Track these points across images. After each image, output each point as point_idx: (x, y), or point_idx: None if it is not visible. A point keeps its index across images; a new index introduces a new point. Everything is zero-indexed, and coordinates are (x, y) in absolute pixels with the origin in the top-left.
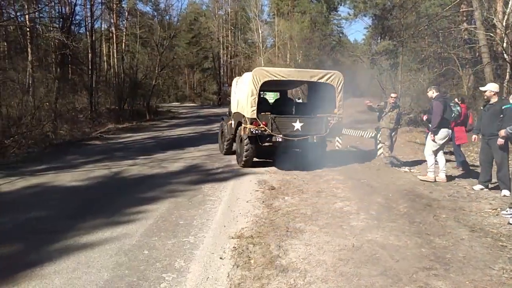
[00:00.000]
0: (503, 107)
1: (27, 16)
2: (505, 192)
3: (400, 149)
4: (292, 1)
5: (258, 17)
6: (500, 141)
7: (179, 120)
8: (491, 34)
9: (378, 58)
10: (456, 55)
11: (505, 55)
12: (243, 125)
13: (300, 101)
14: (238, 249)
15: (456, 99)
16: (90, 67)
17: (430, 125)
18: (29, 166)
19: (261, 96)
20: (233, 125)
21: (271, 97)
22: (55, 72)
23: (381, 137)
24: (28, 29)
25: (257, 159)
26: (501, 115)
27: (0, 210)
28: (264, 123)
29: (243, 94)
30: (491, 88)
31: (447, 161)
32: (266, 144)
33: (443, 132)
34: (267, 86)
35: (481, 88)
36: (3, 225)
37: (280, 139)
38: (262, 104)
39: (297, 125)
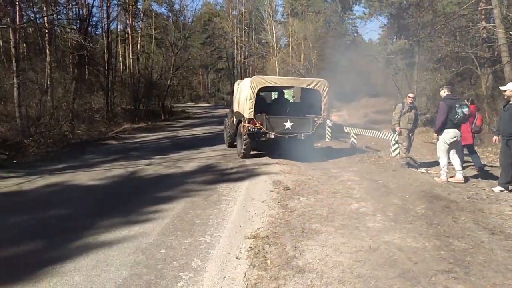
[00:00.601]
0: None
1: (45, 18)
2: None
3: (416, 150)
4: (306, 1)
5: (272, 17)
6: None
7: (193, 120)
8: (511, 32)
9: (394, 57)
10: (474, 54)
11: None
12: (242, 123)
13: (298, 100)
14: (254, 249)
15: (466, 100)
16: (106, 68)
17: None
18: (48, 165)
19: (260, 96)
20: (234, 122)
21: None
22: (73, 72)
23: (399, 138)
24: (46, 31)
25: (254, 152)
26: None
27: (22, 208)
28: (259, 122)
29: (243, 97)
30: (511, 87)
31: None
32: (262, 139)
33: (449, 133)
34: (265, 88)
35: (501, 88)
36: (25, 223)
37: (273, 136)
38: (260, 104)
39: (288, 124)
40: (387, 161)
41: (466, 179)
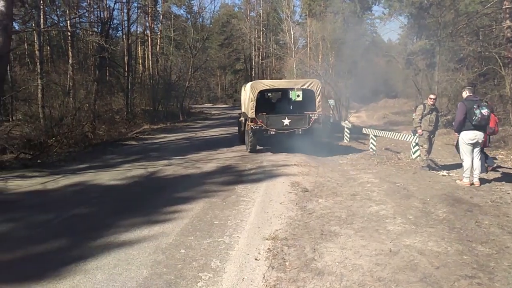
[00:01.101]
0: None
1: (68, 22)
2: None
3: (437, 152)
4: (324, 1)
5: (290, 18)
6: None
7: (211, 121)
8: None
9: (414, 58)
10: (498, 54)
11: None
12: (247, 122)
13: (300, 98)
14: (272, 251)
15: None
16: (126, 70)
17: None
18: (70, 164)
19: (264, 97)
20: (242, 121)
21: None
22: (94, 74)
23: (419, 140)
24: (69, 34)
25: (260, 147)
26: None
27: (46, 207)
28: (261, 121)
29: (246, 99)
30: None
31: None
32: (265, 135)
33: (468, 134)
34: (264, 91)
35: None
36: (49, 222)
37: (273, 132)
38: (262, 105)
39: (286, 121)
40: (407, 163)
41: (490, 182)
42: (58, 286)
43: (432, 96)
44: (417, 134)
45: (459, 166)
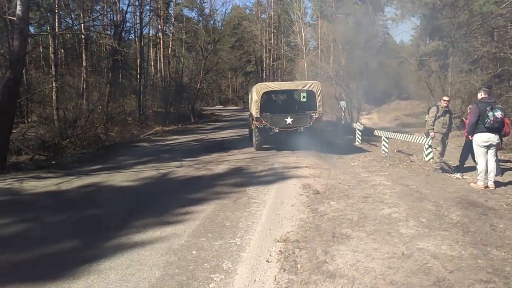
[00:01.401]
0: None
1: (82, 25)
2: None
3: (451, 154)
4: (335, 3)
5: (301, 19)
6: None
7: (222, 123)
8: None
9: (427, 59)
10: None
11: None
12: (253, 121)
13: (305, 99)
14: (284, 253)
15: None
16: (138, 72)
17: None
18: (84, 166)
19: (269, 98)
20: (250, 121)
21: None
22: (107, 77)
23: (432, 142)
24: (83, 37)
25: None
26: None
27: (61, 207)
28: (265, 120)
29: (252, 100)
30: None
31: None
32: (270, 134)
33: (481, 136)
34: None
35: None
36: (64, 222)
37: (277, 130)
38: (267, 105)
39: (289, 120)
40: (420, 165)
41: (505, 185)
42: (73, 286)
43: (445, 98)
44: (429, 136)
45: (473, 168)
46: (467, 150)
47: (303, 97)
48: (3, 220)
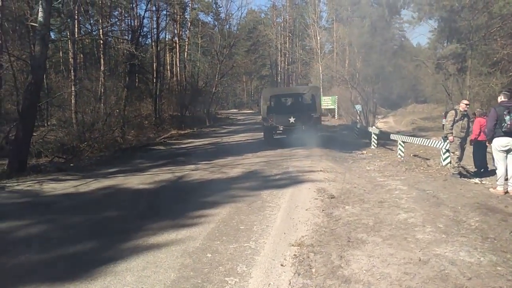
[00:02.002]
0: None
1: (101, 30)
2: None
3: (469, 159)
4: (351, 6)
5: (317, 23)
6: None
7: (237, 126)
8: None
9: (444, 62)
10: None
11: None
12: (262, 121)
13: (309, 101)
14: (299, 257)
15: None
16: (154, 76)
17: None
18: (101, 168)
19: (277, 101)
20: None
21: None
22: (124, 81)
23: (450, 146)
24: (101, 42)
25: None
26: None
27: (79, 209)
28: (271, 119)
29: (262, 103)
30: None
31: None
32: (278, 131)
33: (500, 141)
34: (274, 96)
35: None
36: (81, 224)
37: (282, 128)
38: (275, 106)
39: (292, 119)
40: (437, 170)
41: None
42: (90, 287)
43: (465, 102)
44: (447, 141)
45: (493, 173)
46: (477, 154)
47: (311, 99)
48: (23, 222)
